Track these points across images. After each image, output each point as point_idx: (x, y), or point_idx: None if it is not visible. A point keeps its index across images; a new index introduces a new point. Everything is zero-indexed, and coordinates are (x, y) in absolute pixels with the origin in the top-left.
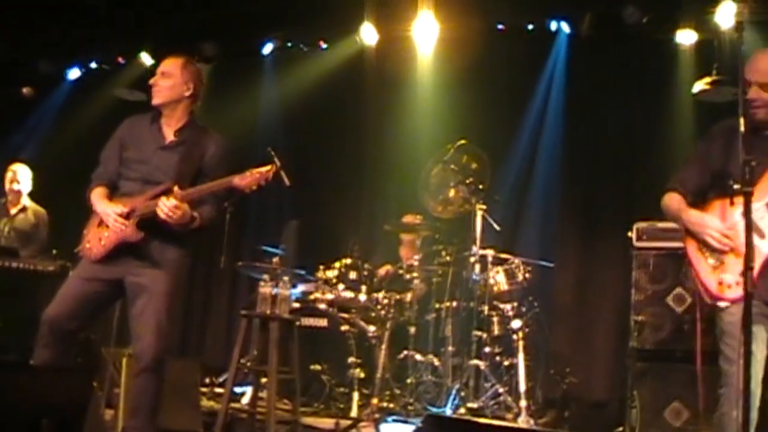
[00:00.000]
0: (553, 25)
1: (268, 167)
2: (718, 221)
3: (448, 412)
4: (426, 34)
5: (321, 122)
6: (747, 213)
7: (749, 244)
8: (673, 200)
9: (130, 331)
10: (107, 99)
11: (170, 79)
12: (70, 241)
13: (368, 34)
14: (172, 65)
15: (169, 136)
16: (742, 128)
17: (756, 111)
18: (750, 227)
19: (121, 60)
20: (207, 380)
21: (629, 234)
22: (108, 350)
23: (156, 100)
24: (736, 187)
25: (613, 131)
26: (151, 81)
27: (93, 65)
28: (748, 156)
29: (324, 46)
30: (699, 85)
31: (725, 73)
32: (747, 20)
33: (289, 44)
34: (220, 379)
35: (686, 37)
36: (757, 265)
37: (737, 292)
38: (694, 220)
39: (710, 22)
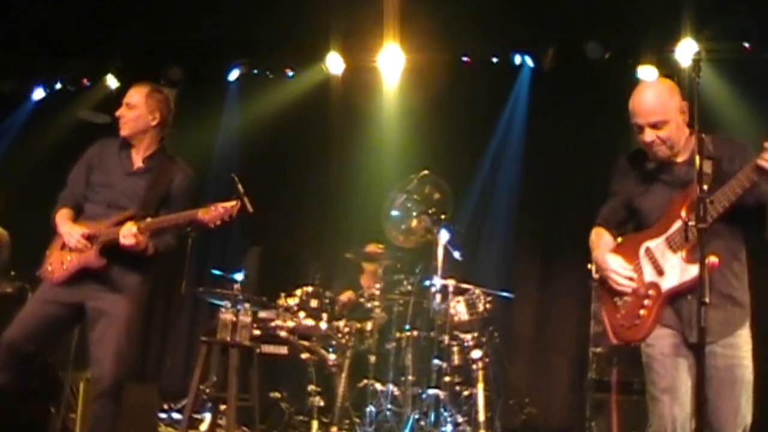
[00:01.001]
0: (517, 59)
1: (233, 203)
2: (620, 261)
3: None
4: (392, 65)
5: (285, 149)
6: (701, 247)
7: (702, 278)
8: (594, 235)
9: (89, 355)
10: (71, 120)
11: (135, 110)
12: (31, 263)
13: (334, 64)
14: (136, 95)
15: (137, 162)
16: (698, 162)
17: (657, 150)
18: (703, 261)
19: (86, 82)
20: (165, 406)
21: (588, 266)
22: (65, 374)
23: (123, 132)
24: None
25: (573, 164)
26: (117, 113)
27: (58, 86)
28: (702, 194)
29: (290, 73)
30: None
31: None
32: (704, 58)
33: (255, 71)
34: (179, 405)
35: (647, 73)
36: (656, 306)
37: (636, 333)
38: (599, 260)
39: (670, 58)
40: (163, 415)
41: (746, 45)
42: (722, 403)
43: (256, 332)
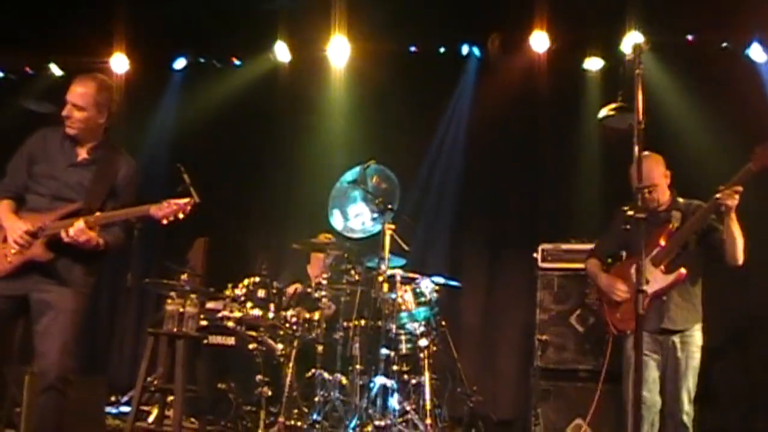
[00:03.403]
0: (464, 49)
1: (187, 199)
2: (622, 284)
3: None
4: (339, 55)
5: (232, 139)
6: (639, 237)
7: (639, 269)
8: (592, 265)
9: (34, 348)
10: (14, 109)
11: (84, 111)
12: None
13: (281, 53)
14: (84, 96)
15: (82, 153)
16: (637, 154)
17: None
18: (642, 250)
19: (29, 70)
20: (113, 399)
21: (534, 255)
22: (9, 368)
23: (70, 131)
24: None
25: (519, 154)
26: (64, 113)
27: None
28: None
29: (237, 62)
30: (604, 111)
31: (630, 99)
32: (645, 49)
33: (202, 60)
34: (126, 398)
35: (593, 64)
36: (644, 304)
37: (629, 325)
38: (604, 283)
39: (616, 49)
40: (110, 408)
41: (689, 37)
42: (676, 384)
43: (203, 323)
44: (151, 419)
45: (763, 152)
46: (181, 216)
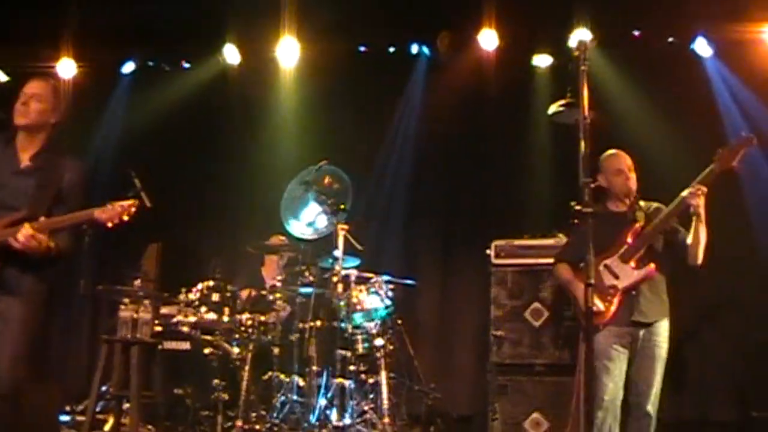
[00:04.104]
0: (414, 48)
1: (131, 201)
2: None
3: None
4: (288, 56)
5: (183, 142)
6: (587, 233)
7: (589, 261)
8: (563, 270)
9: None
10: None
11: (42, 104)
12: None
13: (231, 55)
14: (43, 88)
15: (24, 160)
16: (583, 148)
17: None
18: (589, 241)
19: None
20: (68, 407)
21: (488, 251)
22: None
23: (22, 120)
24: None
25: (470, 151)
26: (21, 101)
27: None
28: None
29: (186, 65)
30: (553, 107)
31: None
32: (589, 46)
33: (151, 63)
34: (81, 406)
35: (542, 61)
36: (616, 299)
37: (601, 319)
38: (577, 290)
39: (565, 46)
40: (65, 417)
41: (636, 33)
42: (643, 375)
43: (158, 328)
44: (107, 428)
45: (726, 154)
46: (126, 218)
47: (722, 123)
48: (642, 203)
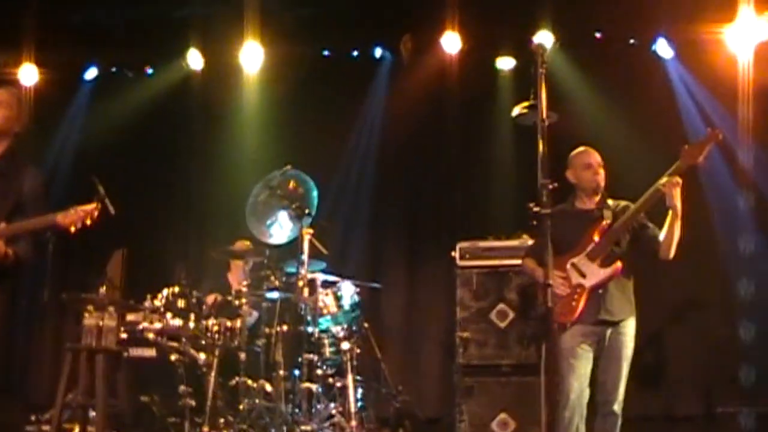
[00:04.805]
0: (378, 52)
1: (93, 205)
2: (557, 273)
3: None
4: (252, 60)
5: (147, 148)
6: (544, 233)
7: (547, 263)
8: (529, 262)
9: None
10: None
11: (8, 111)
12: None
13: (194, 60)
14: (10, 96)
15: None
16: (541, 149)
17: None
18: (548, 245)
19: None
20: (33, 417)
21: (452, 253)
22: None
23: None
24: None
25: (434, 154)
26: None
27: None
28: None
29: (150, 71)
30: (517, 109)
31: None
32: (548, 48)
33: (114, 69)
34: (47, 416)
35: (505, 63)
36: (583, 298)
37: (569, 317)
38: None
39: (527, 48)
40: (30, 428)
41: (598, 35)
42: (609, 373)
43: (123, 336)
44: None
45: (692, 150)
46: (88, 222)
47: (682, 124)
48: (610, 201)
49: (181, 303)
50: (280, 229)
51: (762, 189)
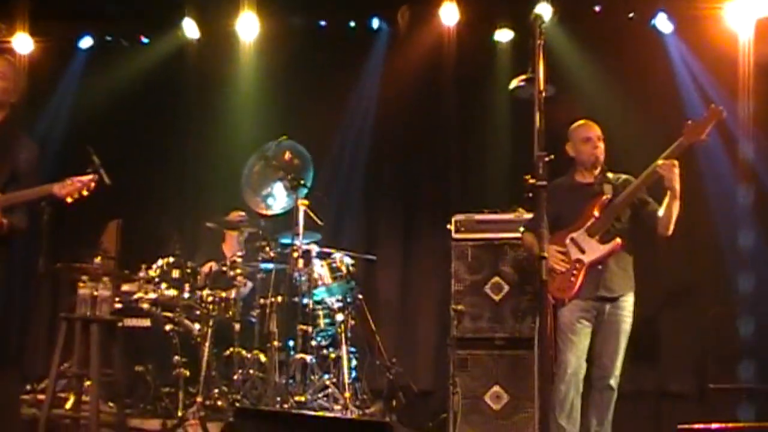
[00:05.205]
0: (375, 23)
1: (90, 176)
2: (555, 248)
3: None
4: (248, 31)
5: (142, 118)
6: (539, 205)
7: (541, 235)
8: (528, 236)
9: None
10: None
11: (5, 82)
12: None
13: (190, 29)
14: (6, 67)
15: None
16: (538, 122)
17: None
18: (543, 218)
19: None
20: (28, 386)
21: (448, 226)
22: None
23: None
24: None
25: (431, 126)
26: None
27: None
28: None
29: (145, 40)
30: (514, 82)
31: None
32: (547, 19)
33: (109, 38)
34: (42, 385)
35: (504, 36)
36: (582, 273)
37: (567, 293)
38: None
39: (526, 20)
40: (26, 397)
41: (597, 8)
42: (607, 348)
43: (118, 306)
44: (67, 406)
45: (696, 127)
46: (85, 193)
47: (681, 99)
48: (610, 174)
49: (175, 273)
50: (275, 200)
51: (761, 173)
